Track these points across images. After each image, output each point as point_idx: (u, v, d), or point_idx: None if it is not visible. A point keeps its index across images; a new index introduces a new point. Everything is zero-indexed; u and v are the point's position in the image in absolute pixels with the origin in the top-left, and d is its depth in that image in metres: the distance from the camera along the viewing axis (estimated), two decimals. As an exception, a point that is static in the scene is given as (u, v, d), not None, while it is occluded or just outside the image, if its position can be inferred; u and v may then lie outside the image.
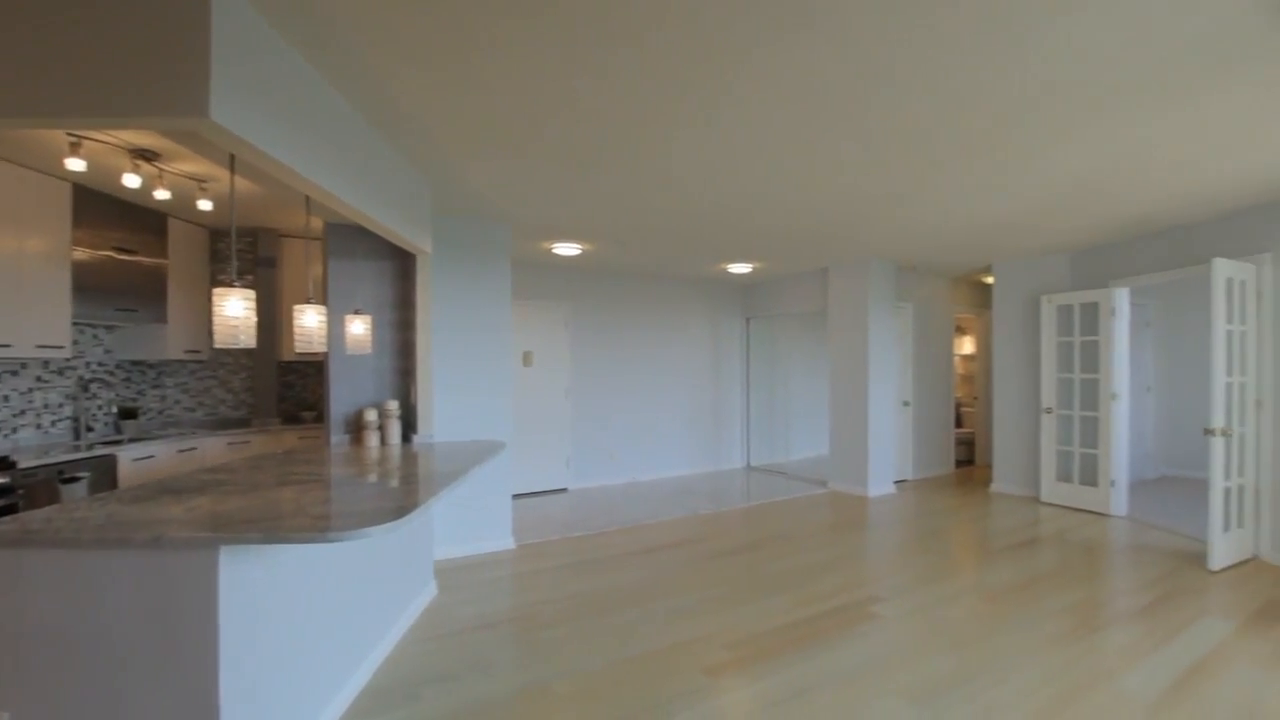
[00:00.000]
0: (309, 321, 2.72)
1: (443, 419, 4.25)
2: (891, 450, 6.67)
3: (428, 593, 3.61)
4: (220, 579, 1.73)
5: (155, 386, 4.89)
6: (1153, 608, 3.44)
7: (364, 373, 3.77)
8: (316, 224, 3.97)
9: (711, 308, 8.04)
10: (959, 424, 8.49)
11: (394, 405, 3.61)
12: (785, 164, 3.41)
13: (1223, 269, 4.07)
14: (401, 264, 3.87)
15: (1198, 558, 4.26)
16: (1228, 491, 4.11)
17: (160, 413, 4.91)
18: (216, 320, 2.17)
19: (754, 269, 6.92)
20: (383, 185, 3.01)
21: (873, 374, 6.41)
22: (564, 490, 6.81)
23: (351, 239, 3.70)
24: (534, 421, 6.60)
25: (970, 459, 8.39)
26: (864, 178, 3.65)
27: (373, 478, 2.68)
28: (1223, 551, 4.06)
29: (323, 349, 2.78)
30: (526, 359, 6.54)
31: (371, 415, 3.54)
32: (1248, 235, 4.34)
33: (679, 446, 7.72)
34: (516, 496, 6.37)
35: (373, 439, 3.53)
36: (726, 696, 2.57)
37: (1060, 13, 2.01)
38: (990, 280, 7.39)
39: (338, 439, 3.69)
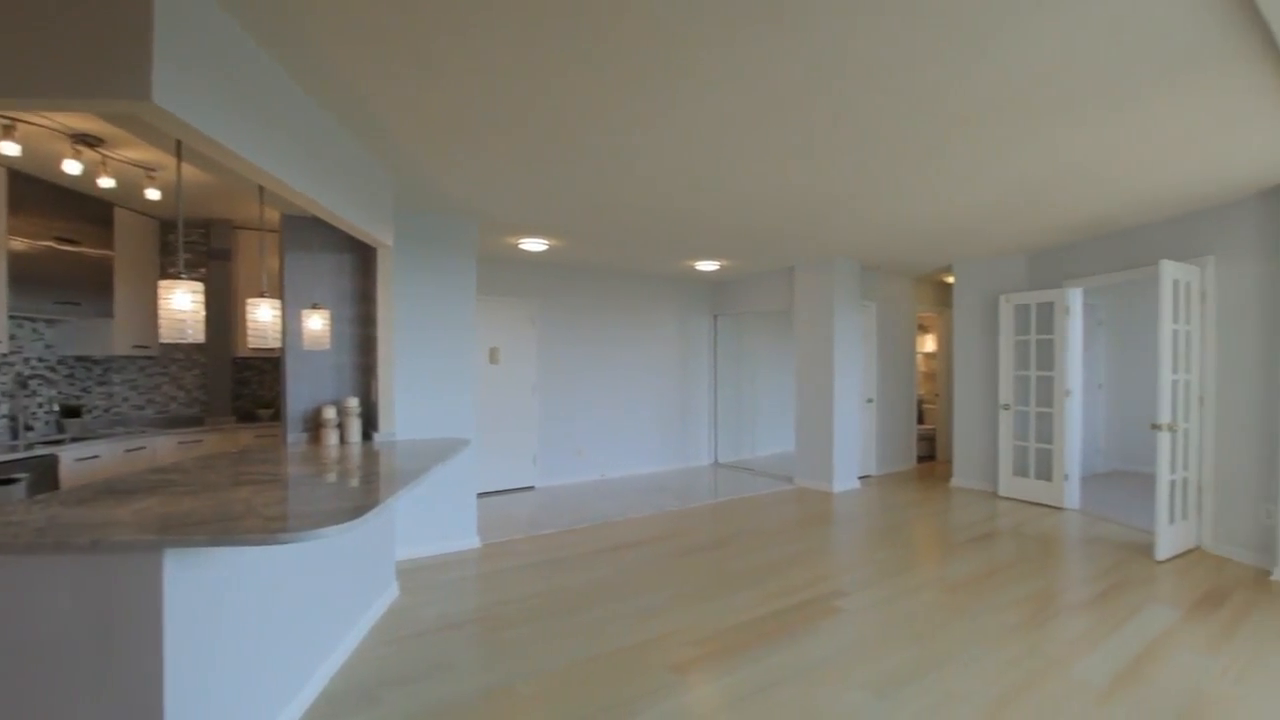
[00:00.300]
0: (263, 316, 2.63)
1: (405, 416, 4.17)
2: (856, 447, 6.77)
3: (389, 594, 3.53)
4: (166, 583, 1.65)
5: (101, 384, 4.68)
6: (1103, 597, 3.56)
7: (323, 369, 3.67)
8: (272, 216, 3.84)
9: (680, 305, 8.06)
10: (921, 420, 8.67)
11: (354, 403, 3.52)
12: (747, 161, 3.42)
13: (1169, 270, 4.22)
14: (362, 258, 3.78)
15: (1145, 548, 4.42)
16: (1173, 484, 4.27)
17: (107, 411, 4.71)
18: (162, 314, 2.08)
19: (722, 267, 6.95)
20: (341, 176, 2.92)
21: (838, 371, 6.49)
22: (531, 488, 6.75)
23: (309, 231, 3.59)
24: (501, 419, 6.52)
25: (932, 454, 8.58)
26: (826, 177, 3.69)
27: (330, 477, 2.60)
28: (1168, 542, 4.22)
29: (277, 344, 2.69)
30: (493, 355, 6.46)
31: (330, 413, 3.45)
32: (1193, 238, 4.51)
33: (647, 443, 7.72)
34: (482, 495, 6.30)
35: (332, 437, 3.44)
36: (692, 693, 2.57)
37: (1014, 15, 2.05)
38: (951, 280, 7.56)
39: (295, 437, 3.58)
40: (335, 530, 1.71)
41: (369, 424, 3.71)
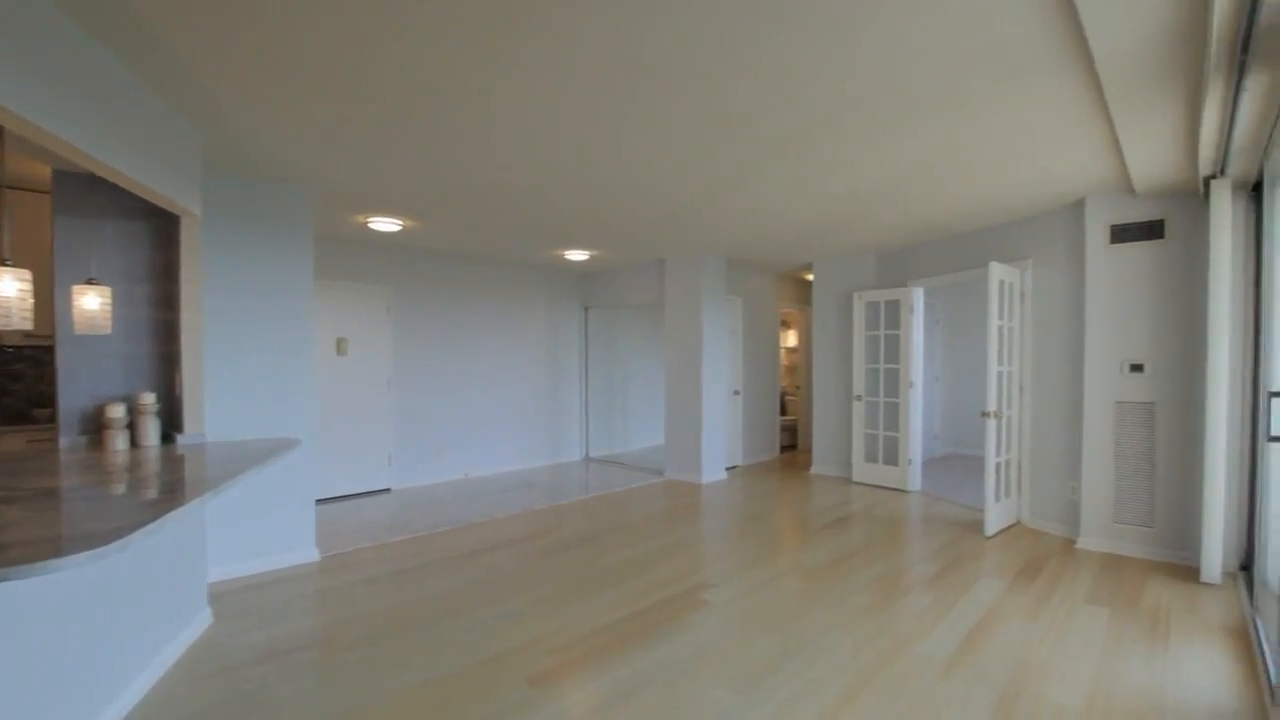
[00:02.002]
0: (4, 290, 2.08)
1: (224, 415, 3.60)
2: (724, 438, 6.89)
3: (199, 622, 3.01)
4: None
5: None
6: (942, 574, 3.80)
7: (109, 359, 3.05)
8: (41, 171, 3.14)
9: (549, 295, 7.79)
10: (784, 411, 9.06)
11: (150, 399, 2.95)
12: (611, 145, 3.27)
13: (996, 271, 4.62)
14: (163, 228, 3.18)
15: (976, 525, 4.83)
16: (999, 466, 4.69)
17: None
18: None
19: (592, 257, 6.79)
20: (125, 125, 2.40)
21: (706, 365, 6.57)
22: (386, 491, 6.21)
23: (87, 192, 2.96)
24: (351, 416, 5.93)
25: (793, 444, 8.99)
26: (687, 167, 3.62)
27: (106, 489, 2.11)
28: (995, 519, 4.63)
29: (26, 326, 2.14)
30: (340, 346, 5.85)
31: (117, 411, 2.86)
32: (1016, 244, 4.98)
33: (515, 439, 7.40)
34: (328, 500, 5.69)
35: (119, 440, 2.86)
36: (552, 706, 2.38)
37: (878, 11, 2.04)
38: (810, 277, 7.93)
39: (70, 441, 2.94)
40: (75, 562, 1.32)
41: (172, 424, 3.14)
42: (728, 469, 7.25)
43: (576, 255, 6.62)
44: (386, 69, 2.46)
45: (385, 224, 4.99)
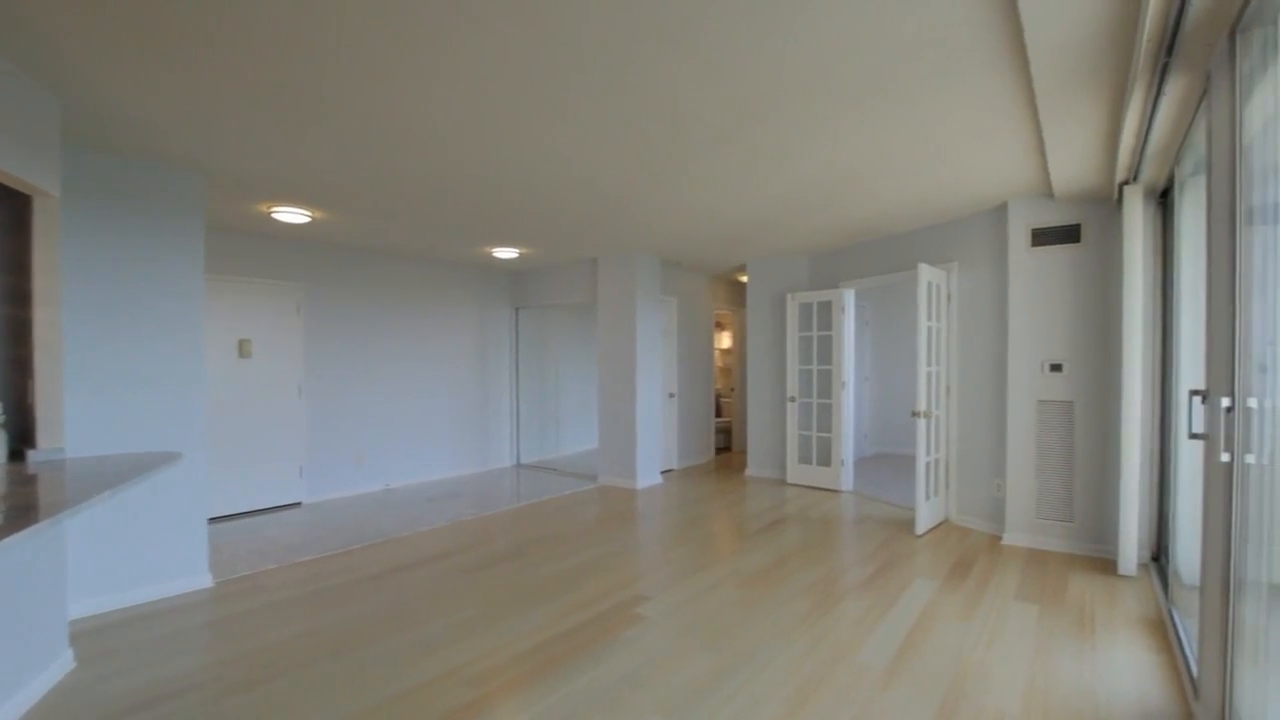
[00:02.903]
0: None
1: (89, 427, 3.16)
2: (659, 442, 6.76)
3: (57, 667, 2.60)
4: None
5: None
6: (877, 576, 3.78)
7: (-60, 363, 2.59)
8: None
9: (478, 295, 7.46)
10: (718, 414, 9.03)
11: (-8, 409, 2.51)
12: (536, 133, 3.06)
13: (925, 273, 4.68)
14: (10, 211, 2.74)
15: (907, 524, 4.88)
16: (929, 465, 4.75)
17: None
18: None
19: (522, 255, 6.52)
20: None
21: (640, 367, 6.42)
22: (297, 505, 5.74)
23: (-89, 165, 2.50)
24: (256, 425, 5.44)
25: (728, 446, 8.97)
26: (618, 158, 3.46)
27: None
28: (925, 517, 4.68)
29: None
30: (243, 349, 5.36)
31: (-51, 425, 2.42)
32: (943, 246, 5.08)
33: (441, 446, 7.02)
34: (227, 518, 5.20)
35: (-49, 459, 2.42)
36: (469, 748, 2.14)
37: (817, -18, 1.94)
38: (744, 279, 7.92)
39: (-113, 462, 2.47)
40: None
41: (23, 439, 2.70)
42: (663, 473, 7.12)
43: (505, 253, 6.34)
44: (276, 39, 2.17)
45: (291, 214, 4.57)
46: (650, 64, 2.43)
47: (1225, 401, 1.89)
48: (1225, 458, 1.88)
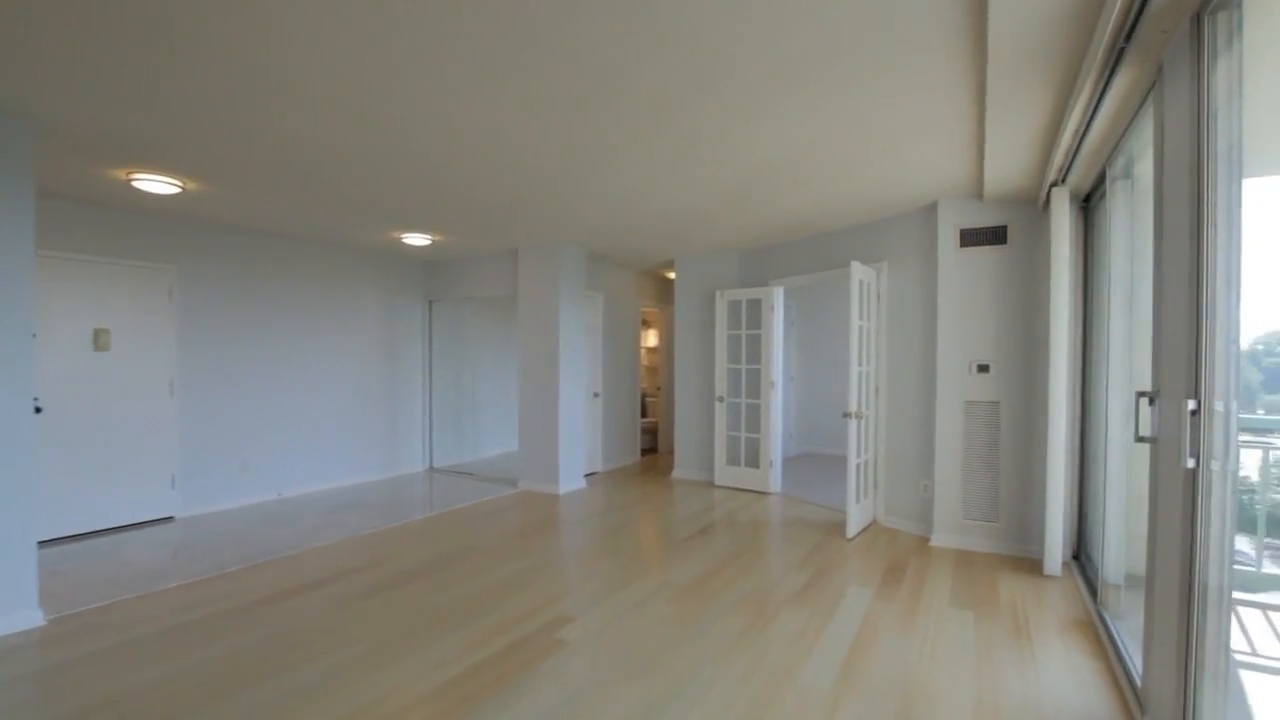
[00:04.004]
0: None
1: None
2: (583, 444, 6.43)
3: None
4: None
5: None
6: (811, 585, 3.62)
7: None
8: None
9: (387, 286, 6.87)
10: (644, 414, 8.80)
11: None
12: (449, 100, 2.68)
13: (858, 271, 4.59)
14: None
15: (838, 526, 4.79)
16: (859, 467, 4.67)
17: None
18: None
19: (435, 243, 6.01)
20: None
21: (564, 365, 6.07)
22: (168, 520, 5.02)
23: None
24: (115, 428, 4.71)
25: (654, 447, 8.76)
26: (543, 134, 3.12)
27: None
28: (856, 520, 4.60)
29: None
30: (99, 340, 4.61)
31: None
32: (872, 245, 5.03)
33: (343, 450, 6.40)
34: (76, 538, 4.46)
35: None
36: (353, 826, 1.76)
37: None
38: (673, 275, 7.72)
39: None
40: None
41: None
42: (587, 476, 6.80)
43: (416, 240, 5.82)
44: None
45: (156, 183, 3.92)
46: (582, 26, 2.11)
47: (1190, 404, 1.78)
48: (1190, 463, 1.78)
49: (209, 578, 3.73)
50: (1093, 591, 3.33)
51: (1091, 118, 2.65)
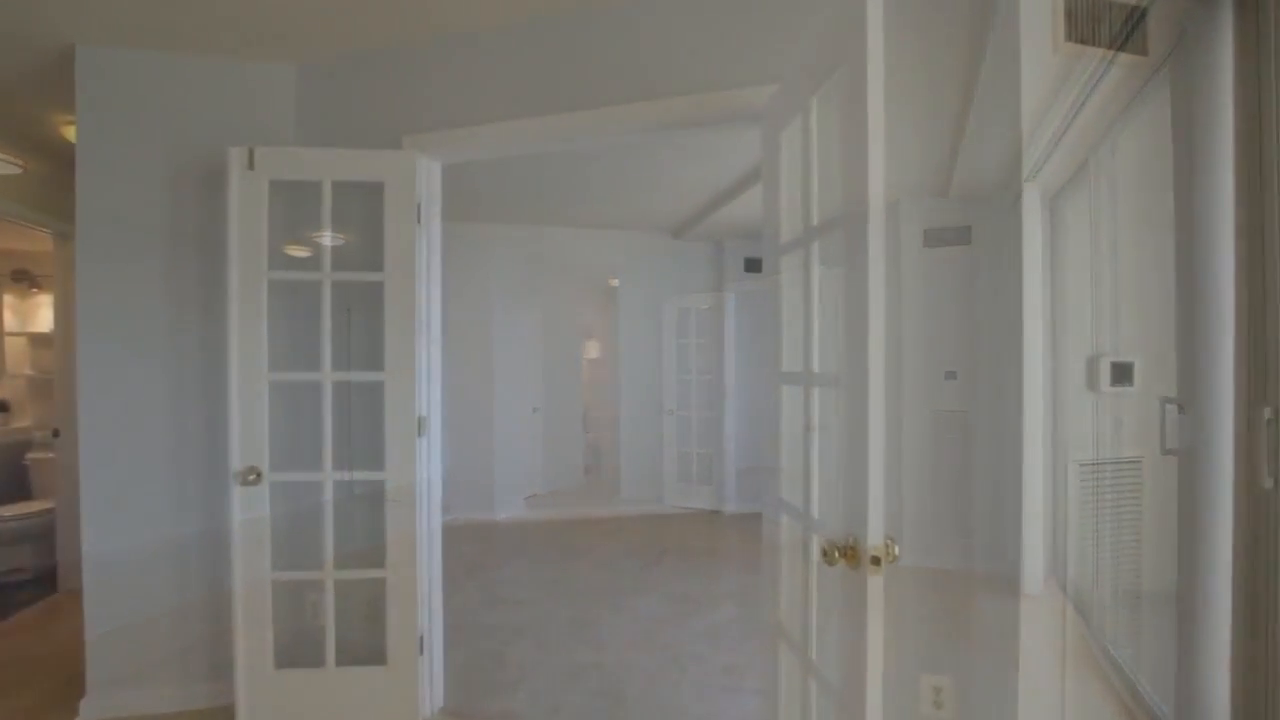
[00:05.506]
0: None
1: None
2: (522, 463, 5.88)
3: None
4: None
5: None
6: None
7: None
8: None
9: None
10: (587, 429, 8.30)
11: None
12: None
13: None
14: None
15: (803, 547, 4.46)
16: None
17: None
18: None
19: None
20: None
21: (499, 377, 5.52)
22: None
23: None
24: None
25: (598, 463, 8.27)
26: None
27: None
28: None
29: None
30: None
31: None
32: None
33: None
34: None
35: None
36: None
37: None
38: (615, 283, 7.29)
39: None
40: None
41: None
42: (527, 499, 6.24)
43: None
44: None
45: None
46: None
47: (1267, 413, 1.50)
48: (1269, 483, 1.49)
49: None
50: (1079, 610, 3.09)
51: (1090, 92, 2.42)
